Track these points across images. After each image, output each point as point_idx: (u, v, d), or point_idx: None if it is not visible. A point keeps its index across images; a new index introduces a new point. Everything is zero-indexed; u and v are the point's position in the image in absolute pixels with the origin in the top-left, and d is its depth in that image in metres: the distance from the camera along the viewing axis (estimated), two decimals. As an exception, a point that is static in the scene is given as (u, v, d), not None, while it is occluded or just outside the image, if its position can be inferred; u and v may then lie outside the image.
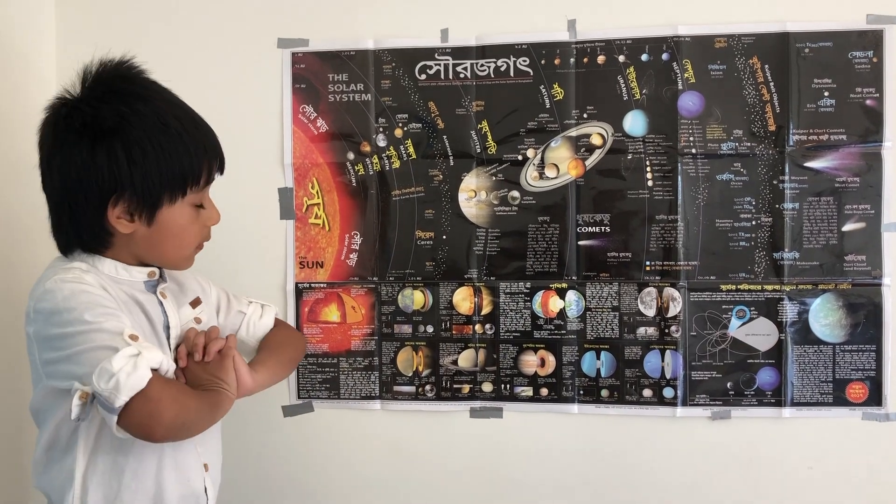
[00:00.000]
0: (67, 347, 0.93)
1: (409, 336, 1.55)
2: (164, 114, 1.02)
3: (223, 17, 1.56)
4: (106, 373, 0.89)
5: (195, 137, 1.04)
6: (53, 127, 1.01)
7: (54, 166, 1.01)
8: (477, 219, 1.53)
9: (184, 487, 1.07)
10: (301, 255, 1.56)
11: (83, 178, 0.99)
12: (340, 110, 1.55)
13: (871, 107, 1.45)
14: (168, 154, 1.01)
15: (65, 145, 0.99)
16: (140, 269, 1.06)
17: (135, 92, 1.02)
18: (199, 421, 1.00)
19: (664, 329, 1.50)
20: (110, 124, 0.98)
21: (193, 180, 1.04)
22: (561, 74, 1.50)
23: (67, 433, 1.01)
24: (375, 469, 1.57)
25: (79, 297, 0.95)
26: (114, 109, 0.99)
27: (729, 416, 1.49)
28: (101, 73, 1.03)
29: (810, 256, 1.47)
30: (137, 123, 0.99)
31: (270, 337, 1.26)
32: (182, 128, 1.02)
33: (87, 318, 0.93)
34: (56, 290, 0.96)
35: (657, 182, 1.49)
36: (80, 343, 0.92)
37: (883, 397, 1.47)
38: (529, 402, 1.53)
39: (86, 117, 0.98)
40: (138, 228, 1.02)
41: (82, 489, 1.01)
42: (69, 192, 1.00)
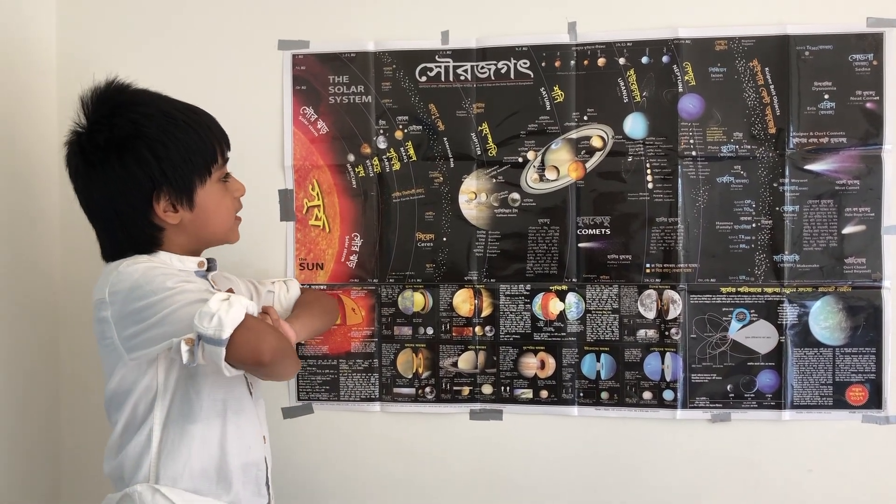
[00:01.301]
0: (157, 313, 1.02)
1: (409, 338, 1.55)
2: (166, 110, 1.14)
3: (223, 19, 1.56)
4: (206, 314, 0.98)
5: (200, 122, 1.16)
6: (79, 155, 1.13)
7: (94, 188, 1.13)
8: (477, 221, 1.53)
9: (245, 455, 1.17)
10: (301, 257, 1.56)
11: (122, 187, 1.11)
12: (341, 112, 1.55)
13: (872, 109, 1.45)
14: (185, 142, 1.12)
15: (96, 166, 1.11)
16: (192, 259, 1.17)
17: (135, 100, 1.14)
18: (291, 352, 1.11)
19: (664, 331, 1.50)
20: (128, 132, 1.10)
21: (212, 158, 1.16)
22: (561, 77, 1.50)
23: (144, 409, 1.12)
24: (375, 471, 1.57)
25: (155, 271, 1.07)
26: (125, 119, 1.10)
27: (729, 419, 1.49)
28: (98, 95, 1.14)
29: (810, 259, 1.47)
30: (150, 124, 1.11)
31: (299, 300, 1.44)
32: (186, 117, 1.14)
33: (168, 284, 1.04)
34: (131, 271, 1.07)
35: (657, 184, 1.49)
36: (169, 305, 1.02)
37: (883, 400, 1.47)
38: (529, 404, 1.53)
39: (104, 134, 1.10)
40: (184, 216, 1.14)
41: (157, 457, 1.11)
42: (115, 205, 1.12)
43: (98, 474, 1.24)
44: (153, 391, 1.11)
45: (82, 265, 1.58)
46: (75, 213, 1.55)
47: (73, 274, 1.60)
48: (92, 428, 1.57)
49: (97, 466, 1.22)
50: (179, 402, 1.12)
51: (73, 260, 1.59)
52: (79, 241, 1.57)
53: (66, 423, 1.62)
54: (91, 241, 1.54)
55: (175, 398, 1.12)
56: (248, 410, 1.21)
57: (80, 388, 1.60)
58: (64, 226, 1.60)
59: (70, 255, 1.60)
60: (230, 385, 1.16)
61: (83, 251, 1.57)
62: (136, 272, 1.07)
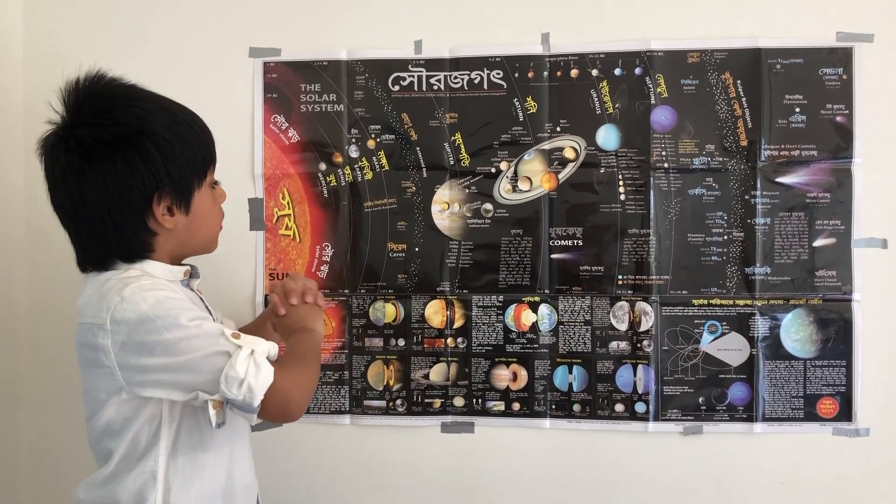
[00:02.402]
0: (171, 355, 0.97)
1: (381, 349, 1.53)
2: (166, 107, 1.07)
3: (194, 26, 1.54)
4: (234, 381, 0.96)
5: (197, 121, 1.10)
6: (74, 151, 1.01)
7: (88, 187, 1.01)
8: (450, 231, 1.52)
9: (245, 476, 1.17)
10: (271, 267, 1.54)
11: (123, 186, 1.01)
12: (312, 120, 1.53)
13: (842, 123, 1.46)
14: (186, 141, 1.06)
15: (96, 162, 1.01)
16: (179, 269, 1.11)
17: (133, 94, 1.06)
18: (315, 380, 1.09)
19: (636, 343, 1.49)
20: (135, 127, 1.01)
21: (210, 160, 1.11)
22: (534, 88, 1.50)
23: (148, 439, 1.05)
24: (345, 485, 1.54)
25: (166, 303, 0.99)
26: (132, 114, 1.02)
27: (701, 432, 1.49)
28: (91, 88, 1.04)
29: (782, 271, 1.48)
30: (155, 120, 1.03)
31: None
32: (185, 115, 1.08)
33: (183, 322, 0.98)
34: (138, 299, 0.99)
35: (629, 196, 1.49)
36: (186, 351, 0.97)
37: (853, 413, 1.47)
38: (501, 416, 1.52)
39: (110, 129, 1.01)
40: (179, 220, 1.07)
41: (165, 488, 1.05)
42: (111, 206, 1.02)
43: (61, 491, 1.21)
44: (157, 420, 1.04)
45: (49, 269, 1.56)
46: (40, 213, 1.55)
47: (38, 279, 1.56)
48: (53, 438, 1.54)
49: (60, 483, 1.19)
50: (188, 432, 1.06)
51: (39, 263, 1.57)
52: (46, 245, 1.56)
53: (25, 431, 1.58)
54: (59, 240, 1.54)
55: (182, 427, 1.06)
56: (246, 432, 1.19)
57: (40, 406, 1.57)
58: (30, 229, 1.57)
59: (36, 258, 1.57)
60: None
61: (50, 255, 1.55)
62: (144, 302, 0.98)
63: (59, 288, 1.55)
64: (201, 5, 1.54)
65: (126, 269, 1.05)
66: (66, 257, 1.53)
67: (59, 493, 1.53)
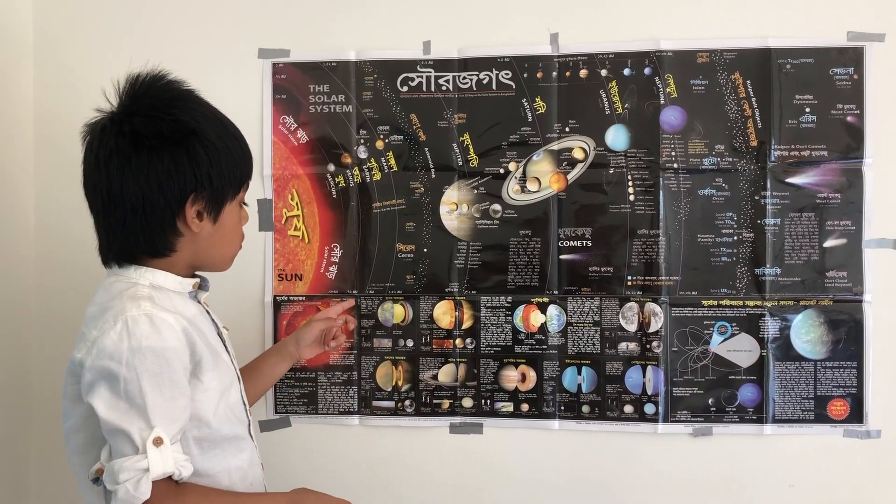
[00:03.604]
0: (113, 409, 0.97)
1: (389, 350, 1.53)
2: (220, 117, 1.10)
3: (203, 27, 1.55)
4: (112, 477, 0.96)
5: (242, 139, 1.12)
6: (127, 137, 1.03)
7: (131, 175, 1.03)
8: (458, 232, 1.52)
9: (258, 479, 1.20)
10: (280, 268, 1.54)
11: (165, 180, 1.03)
12: (321, 121, 1.53)
13: (852, 123, 1.46)
14: (232, 153, 1.09)
15: (144, 152, 1.02)
16: (189, 280, 1.11)
17: (195, 98, 1.09)
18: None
19: (645, 344, 1.49)
20: (191, 127, 1.04)
21: (246, 178, 1.12)
22: (543, 88, 1.50)
23: None
24: (354, 486, 1.54)
25: (146, 359, 0.98)
26: (189, 114, 1.05)
27: (710, 433, 1.48)
28: (152, 84, 1.07)
29: (792, 272, 1.47)
30: (208, 125, 1.06)
31: None
32: (234, 130, 1.11)
33: (144, 388, 0.97)
34: (130, 334, 0.98)
35: (639, 196, 1.48)
36: (120, 418, 0.97)
37: (864, 414, 1.46)
38: (510, 417, 1.52)
39: (168, 124, 1.03)
40: (205, 228, 1.07)
41: None
42: (147, 196, 1.03)
43: (69, 485, 1.21)
44: None
45: (57, 266, 1.56)
46: (51, 213, 1.56)
47: (47, 275, 1.57)
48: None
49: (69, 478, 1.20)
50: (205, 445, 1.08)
51: (48, 260, 1.57)
52: (54, 242, 1.57)
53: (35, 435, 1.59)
54: (67, 239, 1.55)
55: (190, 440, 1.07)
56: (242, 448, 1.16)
57: (49, 403, 1.57)
58: (39, 225, 1.58)
59: (45, 255, 1.57)
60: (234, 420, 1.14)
61: (58, 251, 1.56)
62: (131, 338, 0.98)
63: (69, 288, 1.55)
64: (210, 7, 1.55)
65: (139, 275, 1.06)
66: (75, 258, 1.54)
67: (68, 488, 1.53)
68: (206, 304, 1.18)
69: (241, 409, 1.17)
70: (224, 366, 1.12)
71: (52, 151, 1.57)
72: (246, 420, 1.18)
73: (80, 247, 1.54)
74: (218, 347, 1.12)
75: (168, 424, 0.98)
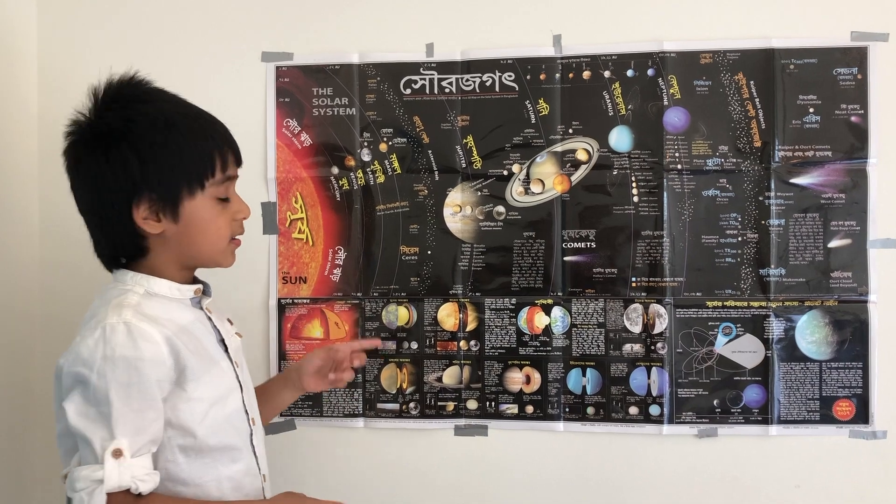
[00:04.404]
0: (81, 415, 0.97)
1: (394, 353, 1.53)
2: (167, 112, 1.05)
3: (207, 30, 1.55)
4: (70, 484, 0.97)
5: (202, 130, 1.07)
6: (73, 147, 1.07)
7: (80, 183, 1.06)
8: (462, 234, 1.52)
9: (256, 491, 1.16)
10: (284, 271, 1.54)
11: (103, 186, 1.03)
12: (325, 124, 1.53)
13: (856, 123, 1.45)
14: (178, 149, 1.04)
15: (84, 160, 1.05)
16: (188, 287, 1.10)
17: (138, 97, 1.06)
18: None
19: (650, 346, 1.48)
20: (118, 128, 1.02)
21: (209, 171, 1.06)
22: (546, 89, 1.50)
23: None
24: (359, 488, 1.54)
25: (118, 368, 0.97)
26: (118, 115, 1.03)
27: (715, 434, 1.48)
28: (106, 88, 1.07)
29: (796, 273, 1.47)
30: (143, 123, 1.03)
31: None
32: (187, 123, 1.06)
33: (111, 397, 0.97)
34: (105, 342, 0.98)
35: (643, 198, 1.48)
36: (86, 426, 0.97)
37: (870, 415, 1.46)
38: (515, 419, 1.52)
39: (95, 128, 1.04)
40: (167, 227, 1.05)
41: None
42: (97, 204, 1.05)
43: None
44: None
45: (62, 270, 1.57)
46: (56, 216, 1.56)
47: (51, 278, 1.57)
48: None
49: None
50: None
51: (52, 264, 1.58)
52: (59, 243, 1.57)
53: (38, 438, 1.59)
54: (71, 243, 1.54)
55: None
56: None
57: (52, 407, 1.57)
58: (43, 227, 1.58)
59: (49, 258, 1.58)
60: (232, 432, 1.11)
61: (63, 253, 1.56)
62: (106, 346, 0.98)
63: (73, 292, 1.56)
64: (214, 10, 1.55)
65: (135, 282, 1.06)
66: (80, 262, 1.54)
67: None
68: (209, 310, 1.15)
69: (242, 418, 1.13)
70: (221, 374, 1.09)
71: (55, 155, 1.56)
72: (246, 430, 1.14)
73: (85, 250, 1.55)
74: (216, 355, 1.10)
75: (132, 436, 0.97)
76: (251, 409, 1.16)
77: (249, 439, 1.14)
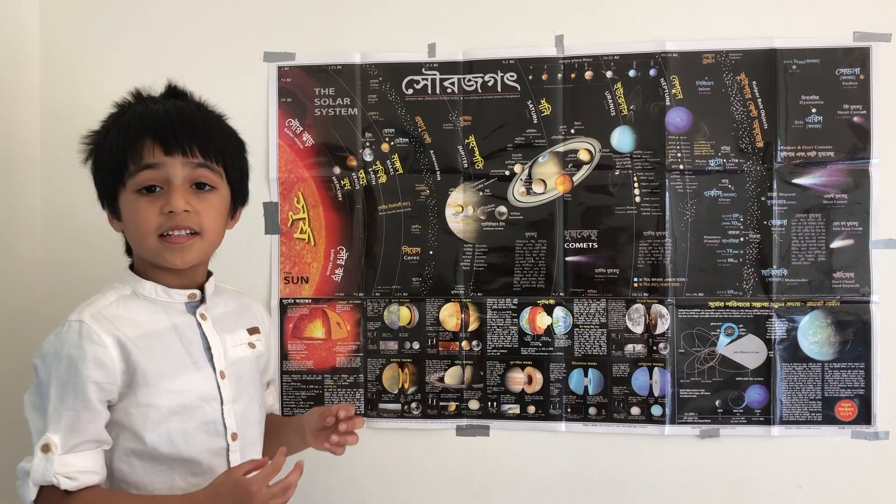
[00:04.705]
0: (29, 405, 1.03)
1: (395, 353, 1.53)
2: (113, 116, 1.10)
3: (209, 30, 1.55)
4: (19, 471, 1.02)
5: (121, 126, 1.06)
6: None
7: None
8: (464, 234, 1.52)
9: None
10: (286, 271, 1.54)
11: None
12: (327, 124, 1.54)
13: (859, 123, 1.45)
14: (105, 148, 1.07)
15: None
16: (180, 292, 1.10)
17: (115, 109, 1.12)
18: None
19: (652, 346, 1.48)
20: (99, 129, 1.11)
21: (122, 164, 1.05)
22: (548, 90, 1.50)
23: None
24: (360, 488, 1.54)
25: (68, 367, 1.00)
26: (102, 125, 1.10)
27: (717, 435, 1.48)
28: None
29: (798, 273, 1.46)
30: (109, 124, 1.09)
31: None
32: (114, 121, 1.08)
33: (50, 392, 1.00)
34: (59, 338, 1.02)
35: (645, 198, 1.48)
36: (30, 416, 1.02)
37: (872, 416, 1.46)
38: (516, 419, 1.51)
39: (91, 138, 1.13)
40: (122, 226, 1.09)
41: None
42: None
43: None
44: None
45: (64, 268, 1.57)
46: (58, 214, 1.57)
47: (54, 277, 1.57)
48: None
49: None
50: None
51: (55, 262, 1.58)
52: (61, 243, 1.57)
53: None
54: (74, 241, 1.55)
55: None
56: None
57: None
58: (46, 226, 1.58)
59: (52, 257, 1.58)
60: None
61: (65, 253, 1.56)
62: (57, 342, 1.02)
63: (76, 290, 1.56)
64: (216, 10, 1.55)
65: (124, 282, 1.10)
66: (82, 260, 1.55)
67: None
68: (203, 316, 1.11)
69: (214, 432, 1.08)
70: (191, 383, 1.06)
71: (58, 154, 1.57)
72: (219, 445, 1.09)
73: (87, 248, 1.56)
74: (194, 364, 1.07)
75: (65, 434, 0.99)
76: (235, 424, 1.10)
77: (225, 455, 1.09)
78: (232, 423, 1.10)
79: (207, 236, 1.08)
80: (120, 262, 1.58)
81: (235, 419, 1.11)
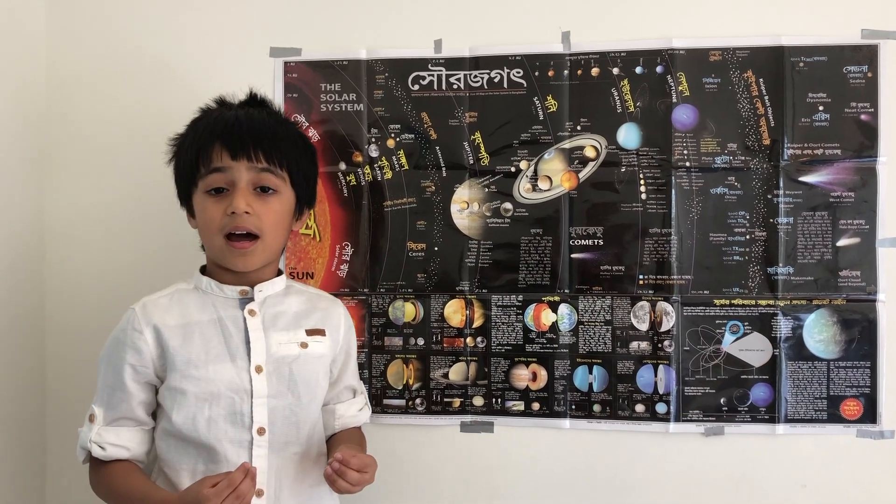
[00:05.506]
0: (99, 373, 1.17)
1: (400, 349, 1.53)
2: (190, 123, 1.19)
3: (215, 26, 1.55)
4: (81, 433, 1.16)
5: (195, 129, 1.16)
6: None
7: None
8: (469, 230, 1.52)
9: None
10: (291, 266, 1.54)
11: None
12: (332, 120, 1.53)
13: (866, 121, 1.45)
14: (182, 151, 1.17)
15: None
16: (232, 288, 1.17)
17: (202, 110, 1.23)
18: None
19: (657, 343, 1.48)
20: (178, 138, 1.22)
21: (194, 166, 1.14)
22: (555, 86, 1.50)
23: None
24: (364, 483, 1.54)
25: (113, 348, 1.14)
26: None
27: (722, 433, 1.48)
28: None
29: (804, 271, 1.46)
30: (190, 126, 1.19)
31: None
32: (191, 126, 1.18)
33: (101, 369, 1.15)
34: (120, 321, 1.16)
35: (651, 195, 1.48)
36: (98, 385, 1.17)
37: (877, 414, 1.45)
38: (521, 416, 1.51)
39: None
40: (196, 223, 1.18)
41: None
42: None
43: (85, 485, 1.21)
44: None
45: (68, 268, 1.57)
46: (62, 214, 1.57)
47: (58, 277, 1.58)
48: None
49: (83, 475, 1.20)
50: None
51: (59, 262, 1.58)
52: (65, 244, 1.57)
53: (51, 432, 1.59)
54: (77, 241, 1.55)
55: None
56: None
57: (65, 397, 1.58)
58: (47, 224, 1.58)
59: (55, 257, 1.58)
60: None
61: (69, 253, 1.57)
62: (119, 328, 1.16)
63: (80, 290, 1.56)
64: (223, 5, 1.55)
65: (194, 277, 1.20)
66: (86, 260, 1.55)
67: (85, 490, 1.54)
68: (252, 312, 1.16)
69: (238, 423, 1.12)
70: (222, 372, 1.11)
71: (60, 154, 1.58)
72: (243, 438, 1.12)
73: (91, 248, 1.56)
74: (230, 355, 1.13)
75: (105, 408, 1.13)
76: (265, 419, 1.13)
77: (248, 448, 1.12)
78: (262, 418, 1.13)
79: (267, 238, 1.14)
80: (121, 261, 1.60)
81: (268, 414, 1.13)
